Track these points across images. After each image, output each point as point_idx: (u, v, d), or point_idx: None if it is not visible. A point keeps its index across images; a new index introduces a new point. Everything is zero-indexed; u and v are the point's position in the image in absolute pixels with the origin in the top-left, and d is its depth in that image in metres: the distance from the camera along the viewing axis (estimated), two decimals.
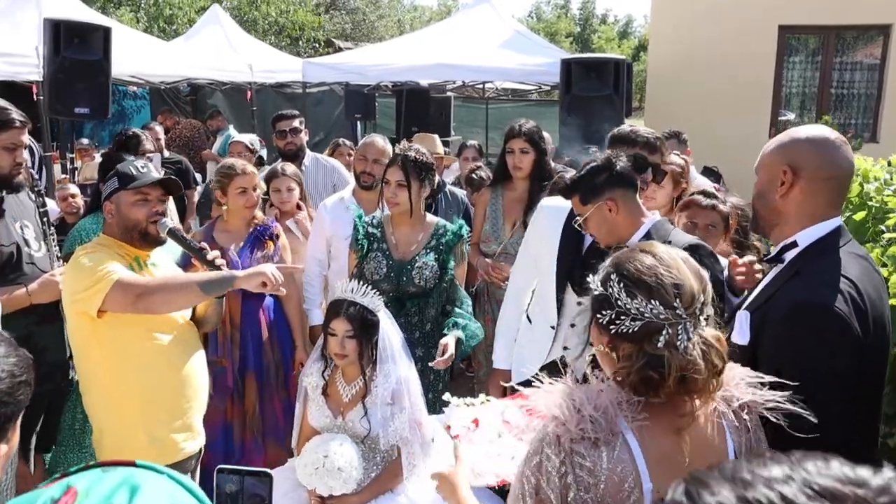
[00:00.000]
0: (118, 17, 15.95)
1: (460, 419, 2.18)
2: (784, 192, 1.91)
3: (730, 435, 1.54)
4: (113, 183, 2.75)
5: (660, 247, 1.56)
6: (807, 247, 1.90)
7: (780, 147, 1.95)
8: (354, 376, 2.96)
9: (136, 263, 2.77)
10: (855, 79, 10.52)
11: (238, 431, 3.63)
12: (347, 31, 27.30)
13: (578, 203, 2.68)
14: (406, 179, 3.34)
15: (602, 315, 1.50)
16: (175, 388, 2.76)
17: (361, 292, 2.94)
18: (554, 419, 1.46)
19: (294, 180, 4.30)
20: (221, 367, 3.56)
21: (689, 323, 1.46)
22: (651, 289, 1.46)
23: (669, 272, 1.48)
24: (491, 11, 10.11)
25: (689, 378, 1.43)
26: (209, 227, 3.79)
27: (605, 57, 6.87)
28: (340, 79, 9.70)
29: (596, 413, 1.43)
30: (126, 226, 2.73)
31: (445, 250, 3.42)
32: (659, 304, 1.45)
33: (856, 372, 1.75)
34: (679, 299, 1.46)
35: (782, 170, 1.91)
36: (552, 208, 3.05)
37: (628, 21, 46.39)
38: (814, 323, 1.74)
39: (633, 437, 1.44)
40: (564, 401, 1.47)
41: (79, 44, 6.48)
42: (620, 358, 1.49)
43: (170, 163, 6.73)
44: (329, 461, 2.73)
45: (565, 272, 2.93)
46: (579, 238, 2.89)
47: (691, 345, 1.44)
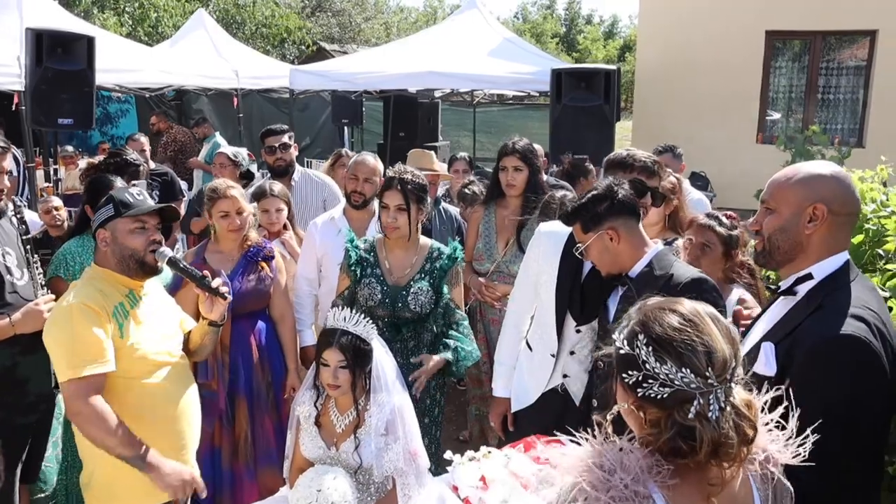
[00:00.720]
0: (102, 21, 15.77)
1: (468, 479, 2.13)
2: (813, 229, 1.92)
3: (755, 485, 1.51)
4: (108, 210, 2.66)
5: (686, 304, 1.49)
6: (822, 279, 1.92)
7: (805, 183, 1.95)
8: (348, 406, 2.91)
9: (130, 299, 2.68)
10: (841, 84, 10.58)
11: (227, 457, 3.56)
12: (334, 33, 27.18)
13: (580, 231, 2.64)
14: (406, 203, 3.29)
15: (628, 375, 1.44)
16: (168, 427, 2.70)
17: (354, 321, 2.89)
18: (585, 484, 1.40)
19: (282, 200, 4.23)
20: (211, 391, 3.49)
21: (720, 391, 1.41)
22: (682, 355, 1.40)
23: (700, 337, 1.42)
24: (479, 18, 10.08)
25: (720, 449, 1.39)
26: (200, 248, 3.72)
27: (596, 67, 6.85)
28: (328, 86, 9.66)
29: (627, 478, 1.38)
30: (123, 255, 2.65)
31: (440, 275, 3.36)
32: (690, 373, 1.39)
33: (885, 406, 1.78)
34: (711, 367, 1.40)
35: (813, 206, 1.92)
36: (550, 234, 2.99)
37: (614, 21, 46.58)
38: (851, 356, 1.74)
39: (661, 499, 1.40)
40: (593, 464, 1.42)
41: (62, 54, 6.39)
42: (648, 422, 1.45)
43: (156, 174, 6.61)
44: (322, 496, 2.67)
45: (565, 299, 2.88)
46: (578, 265, 2.85)
47: (723, 416, 1.39)
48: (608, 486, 1.38)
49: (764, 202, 2.03)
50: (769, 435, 1.51)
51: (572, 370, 2.92)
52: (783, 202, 1.98)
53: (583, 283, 2.85)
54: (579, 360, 2.90)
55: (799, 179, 1.96)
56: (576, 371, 2.91)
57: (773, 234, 2.00)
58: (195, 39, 11.96)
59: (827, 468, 1.59)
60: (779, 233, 1.98)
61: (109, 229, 2.65)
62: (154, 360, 2.66)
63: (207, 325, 2.88)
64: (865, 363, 1.74)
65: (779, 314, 2.04)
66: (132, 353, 2.59)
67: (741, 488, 1.48)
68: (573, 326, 2.89)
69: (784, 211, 1.97)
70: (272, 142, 4.91)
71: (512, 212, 4.22)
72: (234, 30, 18.91)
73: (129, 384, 2.59)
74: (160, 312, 2.81)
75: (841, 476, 1.70)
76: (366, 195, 4.01)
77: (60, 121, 6.52)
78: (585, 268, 2.85)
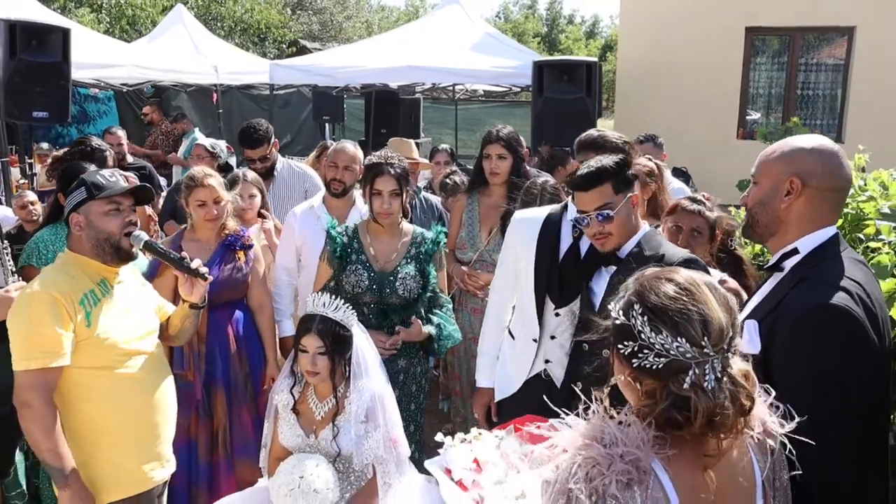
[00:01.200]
0: (78, 18, 15.57)
1: (461, 461, 2.09)
2: (789, 202, 1.92)
3: (754, 457, 1.49)
4: (80, 193, 2.56)
5: (683, 273, 1.47)
6: (808, 254, 1.91)
7: (786, 156, 1.95)
8: (327, 394, 2.86)
9: (101, 287, 2.59)
10: (820, 80, 10.66)
11: (203, 449, 3.50)
12: (314, 31, 27.03)
13: (611, 191, 2.55)
14: (399, 188, 3.26)
15: (624, 346, 1.42)
16: (142, 418, 2.63)
17: (333, 307, 2.84)
18: (585, 460, 1.37)
19: (256, 187, 4.17)
20: (186, 382, 3.42)
21: (716, 361, 1.38)
22: (677, 324, 1.38)
23: (696, 305, 1.40)
24: (461, 13, 10.04)
25: (716, 420, 1.36)
26: (177, 236, 3.65)
27: (578, 59, 6.82)
28: (309, 81, 9.55)
29: (627, 451, 1.36)
30: (98, 239, 2.56)
31: (425, 259, 3.34)
32: (685, 342, 1.37)
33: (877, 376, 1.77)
34: (707, 336, 1.38)
35: (789, 179, 1.91)
36: (525, 220, 2.97)
37: (595, 21, 46.74)
38: (837, 327, 1.73)
39: (665, 474, 1.37)
40: (593, 439, 1.39)
41: (36, 45, 6.27)
42: (644, 393, 1.43)
43: (133, 168, 6.53)
44: (305, 483, 2.62)
45: (543, 283, 2.86)
46: (555, 247, 2.85)
47: (719, 386, 1.37)
48: (609, 460, 1.35)
49: (752, 176, 2.04)
50: (765, 407, 1.50)
51: (554, 355, 2.89)
52: (764, 175, 1.99)
53: (560, 266, 2.83)
54: (560, 344, 2.87)
55: (781, 153, 1.97)
56: (558, 356, 2.88)
57: (753, 206, 2.01)
58: (173, 35, 11.80)
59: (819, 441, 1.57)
60: (758, 206, 1.99)
61: (83, 213, 2.56)
62: (125, 349, 2.58)
63: (188, 307, 2.83)
64: (850, 333, 1.73)
65: (765, 291, 2.04)
66: (100, 342, 2.51)
67: (741, 459, 1.46)
68: (552, 310, 2.87)
69: (765, 184, 1.98)
70: (251, 154, 4.72)
71: (495, 200, 4.18)
72: (212, 25, 18.70)
73: (99, 374, 2.52)
74: (134, 301, 2.73)
75: (834, 448, 1.67)
76: (346, 183, 3.96)
77: (35, 114, 6.40)
78: (562, 250, 2.84)
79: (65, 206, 2.70)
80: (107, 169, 2.77)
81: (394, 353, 3.25)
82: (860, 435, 1.74)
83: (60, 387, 2.47)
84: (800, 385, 1.69)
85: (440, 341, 3.29)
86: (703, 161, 9.93)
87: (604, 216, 2.54)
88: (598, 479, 1.34)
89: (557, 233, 2.87)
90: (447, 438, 2.23)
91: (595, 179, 2.55)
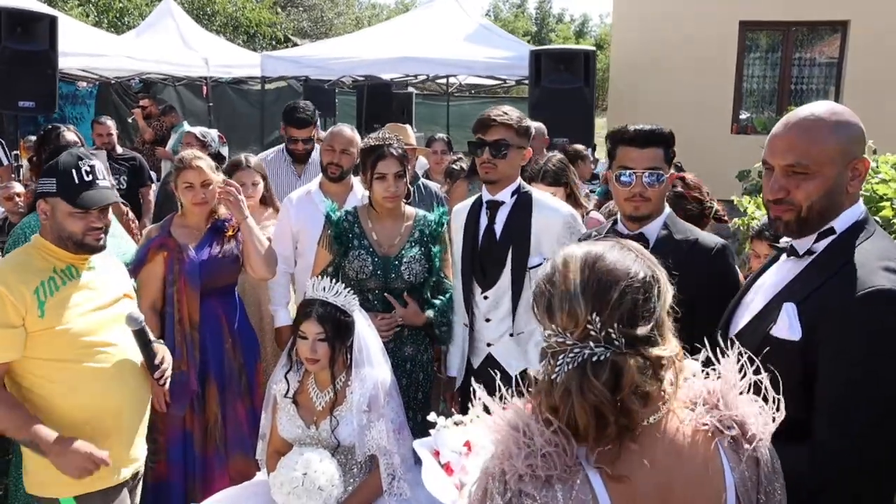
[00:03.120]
0: (66, 11, 15.36)
1: (451, 443, 1.95)
2: (857, 185, 1.75)
3: (727, 462, 1.32)
4: (50, 185, 2.43)
5: (573, 252, 1.34)
6: (842, 232, 1.75)
7: (840, 136, 1.73)
8: (328, 382, 2.75)
9: (64, 274, 2.47)
10: (814, 74, 10.64)
11: (199, 442, 3.38)
12: (305, 28, 26.87)
13: (662, 157, 2.43)
14: (403, 170, 3.17)
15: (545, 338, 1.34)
16: (107, 412, 2.50)
17: (334, 291, 2.73)
18: (500, 452, 1.24)
19: (259, 173, 4.05)
20: (181, 372, 3.30)
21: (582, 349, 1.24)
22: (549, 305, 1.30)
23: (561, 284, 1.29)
24: (454, 5, 9.95)
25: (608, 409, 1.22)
26: (167, 222, 3.52)
27: (575, 49, 6.76)
28: (301, 73, 9.43)
29: (549, 446, 1.21)
30: (60, 234, 2.46)
31: (430, 241, 3.24)
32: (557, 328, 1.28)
33: None
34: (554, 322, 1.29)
35: (855, 162, 1.73)
36: (457, 211, 3.15)
37: (584, 20, 46.77)
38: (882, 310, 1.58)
39: (595, 472, 1.22)
40: (512, 430, 1.25)
41: (22, 33, 6.14)
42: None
43: (123, 160, 6.39)
44: (308, 479, 2.50)
45: (468, 268, 3.00)
46: (475, 232, 2.99)
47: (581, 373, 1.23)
48: (525, 453, 1.22)
49: (792, 166, 1.75)
50: (752, 407, 1.34)
51: (494, 338, 2.99)
52: (824, 163, 1.72)
53: (479, 248, 2.97)
54: (495, 326, 2.97)
55: (833, 134, 1.72)
56: (496, 338, 2.98)
57: (815, 201, 1.74)
58: (162, 28, 11.66)
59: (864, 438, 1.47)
60: (823, 198, 1.74)
61: (50, 203, 2.44)
62: (88, 341, 2.46)
63: None
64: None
65: (790, 272, 1.85)
66: (57, 334, 2.40)
67: (706, 464, 1.30)
68: (481, 294, 2.98)
69: (828, 172, 1.72)
70: (297, 134, 4.64)
71: None
72: (203, 22, 18.51)
73: (59, 366, 2.41)
74: (104, 290, 2.59)
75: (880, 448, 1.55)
76: (343, 167, 3.85)
77: (21, 103, 6.29)
78: (480, 234, 2.98)
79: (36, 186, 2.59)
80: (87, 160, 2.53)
81: (394, 335, 3.14)
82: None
83: (19, 377, 2.40)
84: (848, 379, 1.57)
85: (441, 327, 3.18)
86: (697, 155, 9.86)
87: (654, 177, 2.40)
88: (510, 473, 1.21)
89: (477, 217, 3.01)
90: (440, 418, 2.08)
91: (653, 139, 2.42)
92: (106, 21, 17.00)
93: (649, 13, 10.41)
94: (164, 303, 3.31)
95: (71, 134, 4.28)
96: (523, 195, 2.98)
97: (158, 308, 3.29)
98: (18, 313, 2.34)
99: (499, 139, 2.87)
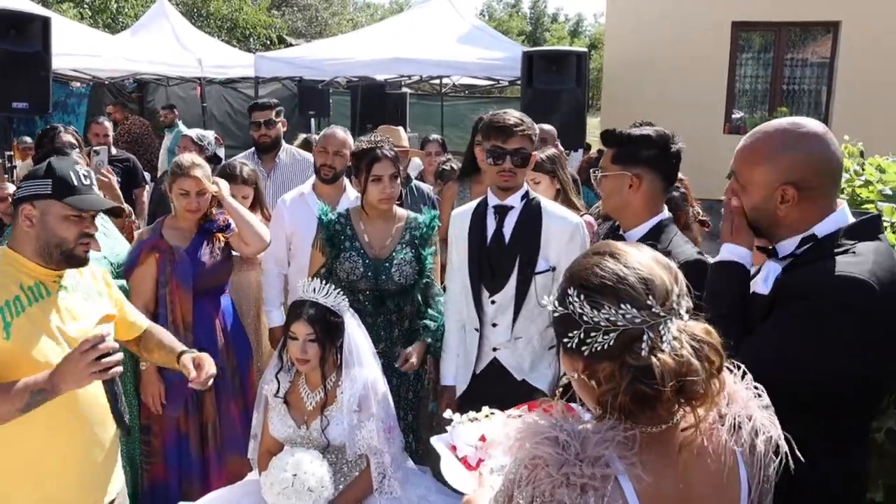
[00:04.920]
0: (61, 12, 15.34)
1: (467, 438, 2.01)
2: (787, 210, 1.81)
3: (742, 465, 1.36)
4: (44, 186, 2.19)
5: (611, 244, 1.36)
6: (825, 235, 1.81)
7: (770, 162, 1.81)
8: (318, 382, 2.78)
9: (32, 292, 2.19)
10: (806, 75, 10.69)
11: (194, 443, 3.41)
12: (300, 28, 26.87)
13: (608, 159, 2.51)
14: (397, 171, 3.20)
15: (569, 338, 1.28)
16: (50, 457, 2.21)
17: (324, 292, 2.76)
18: (532, 459, 1.24)
19: (249, 186, 4.02)
20: (175, 373, 3.32)
21: (669, 320, 1.26)
22: (617, 291, 1.26)
23: (632, 269, 1.29)
24: (448, 6, 9.97)
25: (686, 384, 1.24)
26: (158, 224, 3.54)
27: (567, 50, 6.79)
28: (294, 73, 9.45)
29: (584, 452, 1.22)
30: (48, 241, 2.19)
31: (421, 243, 3.26)
32: (631, 307, 1.25)
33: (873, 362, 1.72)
34: (651, 295, 1.26)
35: (782, 188, 1.80)
36: (459, 214, 3.13)
37: (579, 20, 46.90)
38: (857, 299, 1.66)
39: (627, 480, 1.23)
40: (547, 435, 1.25)
41: (15, 35, 6.12)
42: (602, 381, 1.29)
43: (117, 160, 6.40)
44: (298, 481, 2.53)
45: (476, 272, 2.99)
46: (483, 237, 2.98)
47: (679, 343, 1.24)
48: (561, 460, 1.21)
49: (734, 174, 1.91)
50: (758, 401, 1.37)
51: (500, 342, 2.99)
52: (751, 183, 1.86)
53: (487, 252, 2.96)
54: (503, 331, 2.97)
55: (763, 158, 1.83)
56: (503, 342, 2.98)
57: (749, 212, 1.89)
58: (156, 29, 11.63)
59: None
60: (752, 211, 1.88)
61: (39, 208, 2.18)
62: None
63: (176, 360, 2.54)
64: (869, 309, 1.66)
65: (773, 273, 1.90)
66: (17, 359, 2.12)
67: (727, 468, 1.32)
68: (488, 298, 2.98)
69: (755, 193, 1.85)
70: (258, 117, 4.80)
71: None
72: (198, 23, 18.51)
73: None
74: (76, 313, 2.29)
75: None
76: (336, 169, 3.88)
77: (15, 104, 6.25)
78: (488, 238, 2.97)
79: (17, 188, 2.35)
80: (83, 166, 2.35)
81: (385, 335, 3.20)
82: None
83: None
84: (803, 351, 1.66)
85: (437, 344, 3.21)
86: (689, 155, 9.82)
87: (595, 176, 2.55)
88: (545, 481, 1.20)
89: (483, 221, 3.00)
90: (455, 415, 2.15)
91: (605, 138, 2.56)
92: (100, 22, 16.98)
93: (643, 13, 10.47)
94: (156, 304, 3.33)
95: (69, 135, 4.31)
96: (532, 201, 3.00)
97: (151, 310, 3.29)
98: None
99: (520, 148, 2.89)
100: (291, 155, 4.93)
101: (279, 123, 4.88)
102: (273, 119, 4.83)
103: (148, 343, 2.64)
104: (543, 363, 3.01)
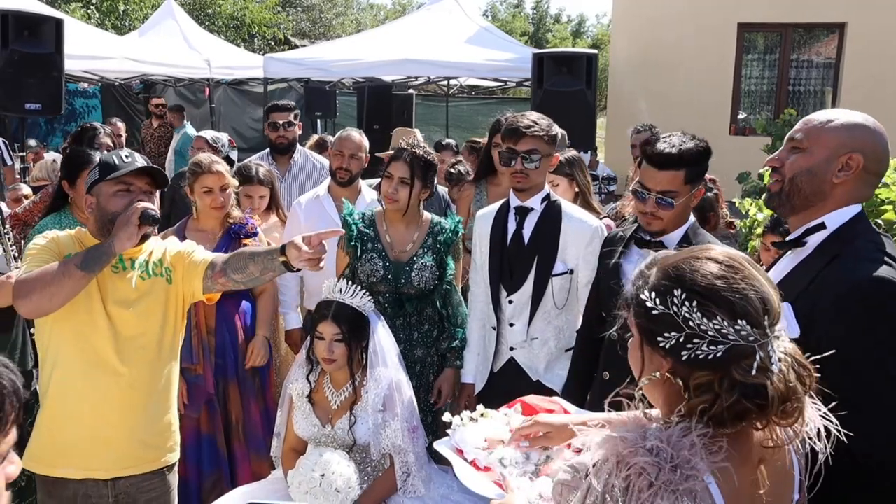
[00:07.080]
0: (69, 12, 15.38)
1: (472, 440, 2.02)
2: (843, 179, 1.83)
3: (795, 460, 1.38)
4: (94, 174, 2.45)
5: (717, 250, 1.32)
6: (835, 230, 1.84)
7: (847, 129, 1.85)
8: (343, 382, 2.81)
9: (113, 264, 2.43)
10: (811, 76, 10.70)
11: (221, 441, 3.43)
12: (304, 28, 26.90)
13: (682, 179, 2.40)
14: (410, 177, 3.14)
15: (664, 338, 1.25)
16: (85, 408, 2.45)
17: (350, 293, 2.79)
18: (628, 467, 1.21)
19: (266, 188, 4.06)
20: (196, 375, 3.35)
21: (774, 340, 1.24)
22: (734, 305, 1.23)
23: (747, 282, 1.25)
24: (455, 7, 10.00)
25: (787, 406, 1.24)
26: (181, 226, 3.57)
27: (577, 51, 6.82)
28: (302, 74, 9.49)
29: (677, 458, 1.20)
30: (103, 220, 2.40)
31: (444, 249, 3.25)
32: (746, 324, 1.22)
33: None
34: (767, 315, 1.23)
35: (848, 155, 1.82)
36: (482, 216, 3.16)
37: (581, 20, 46.78)
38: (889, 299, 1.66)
39: (715, 485, 1.22)
40: (637, 443, 1.23)
41: (29, 36, 6.18)
42: (692, 388, 1.26)
43: None
44: (326, 481, 2.55)
45: (496, 272, 3.03)
46: (504, 237, 3.02)
47: (785, 366, 1.24)
48: (657, 468, 1.19)
49: (793, 140, 1.91)
50: (814, 404, 1.36)
51: (517, 342, 3.03)
52: (819, 144, 1.86)
53: (507, 252, 3.00)
54: (519, 331, 3.01)
55: (842, 124, 1.86)
56: (520, 342, 3.03)
57: (797, 174, 1.87)
58: (164, 30, 11.68)
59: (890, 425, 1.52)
60: (805, 174, 1.86)
61: (95, 194, 2.44)
62: (93, 346, 2.41)
63: (282, 264, 2.40)
64: None
65: (785, 270, 1.93)
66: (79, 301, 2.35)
67: (786, 460, 1.35)
68: (506, 297, 3.02)
69: (817, 153, 1.85)
70: (277, 118, 4.82)
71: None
72: (204, 23, 18.53)
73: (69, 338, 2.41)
74: (137, 295, 2.48)
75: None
76: (352, 171, 3.89)
77: (28, 106, 6.31)
78: (508, 239, 3.01)
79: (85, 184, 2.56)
80: (125, 149, 2.58)
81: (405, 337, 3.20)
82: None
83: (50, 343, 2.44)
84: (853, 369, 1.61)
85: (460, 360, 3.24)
86: None
87: (664, 203, 2.41)
88: (646, 491, 1.18)
89: (505, 222, 3.04)
90: (455, 418, 2.15)
91: (672, 162, 2.40)
92: (108, 23, 17.01)
93: (648, 14, 10.48)
94: None
95: (106, 137, 4.34)
96: (553, 203, 3.02)
97: None
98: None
99: (531, 149, 2.91)
100: (305, 157, 4.98)
101: (296, 126, 4.93)
102: (291, 121, 4.88)
103: (236, 263, 2.50)
104: (559, 365, 3.03)
